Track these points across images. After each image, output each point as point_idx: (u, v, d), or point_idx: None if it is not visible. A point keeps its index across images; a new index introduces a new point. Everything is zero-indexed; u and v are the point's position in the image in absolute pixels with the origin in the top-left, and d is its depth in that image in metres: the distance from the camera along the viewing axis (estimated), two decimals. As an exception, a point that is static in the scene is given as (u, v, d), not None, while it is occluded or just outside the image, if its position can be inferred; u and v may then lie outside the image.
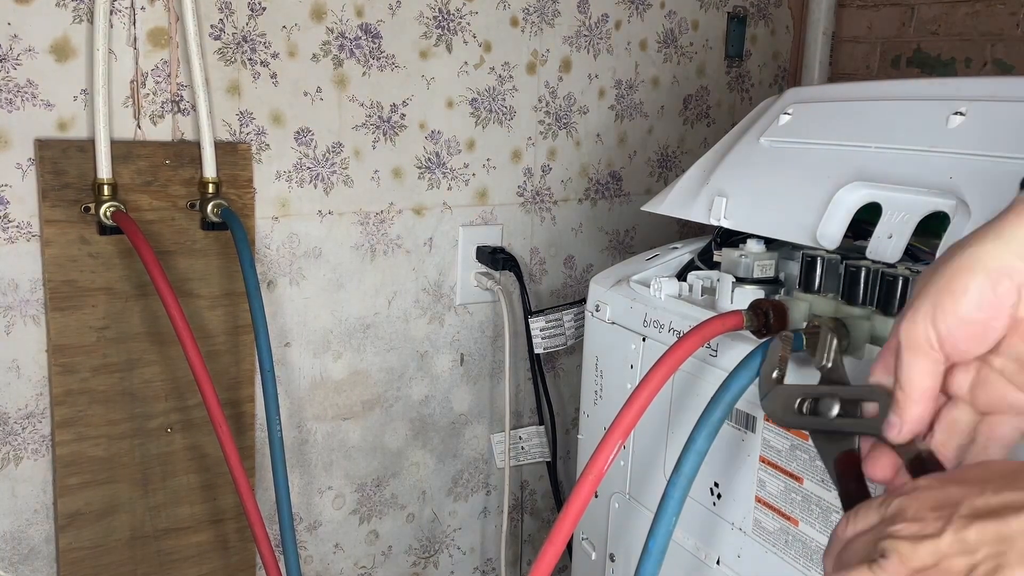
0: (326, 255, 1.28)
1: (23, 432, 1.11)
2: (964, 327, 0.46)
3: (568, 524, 0.68)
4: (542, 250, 1.48)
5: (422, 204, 1.34)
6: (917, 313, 0.47)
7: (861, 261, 0.78)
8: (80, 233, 1.07)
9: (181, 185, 1.13)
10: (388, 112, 1.28)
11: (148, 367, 1.15)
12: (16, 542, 1.13)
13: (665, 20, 1.52)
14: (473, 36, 1.33)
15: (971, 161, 0.73)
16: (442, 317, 1.40)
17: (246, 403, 1.23)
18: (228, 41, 1.15)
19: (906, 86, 0.88)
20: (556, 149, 1.45)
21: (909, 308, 0.48)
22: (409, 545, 1.47)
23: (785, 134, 0.94)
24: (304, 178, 1.24)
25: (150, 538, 1.20)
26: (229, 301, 1.19)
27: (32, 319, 1.08)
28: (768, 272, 0.90)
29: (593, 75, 1.46)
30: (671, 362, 0.71)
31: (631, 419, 0.69)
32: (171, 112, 1.13)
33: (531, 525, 1.59)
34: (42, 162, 1.04)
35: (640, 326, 0.97)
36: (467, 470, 1.50)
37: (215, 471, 1.22)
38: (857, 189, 0.82)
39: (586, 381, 1.08)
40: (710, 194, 0.97)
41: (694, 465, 0.68)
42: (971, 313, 0.45)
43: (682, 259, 1.07)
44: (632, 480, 1.00)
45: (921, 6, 1.52)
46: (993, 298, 0.45)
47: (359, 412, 1.36)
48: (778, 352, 0.65)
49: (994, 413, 0.48)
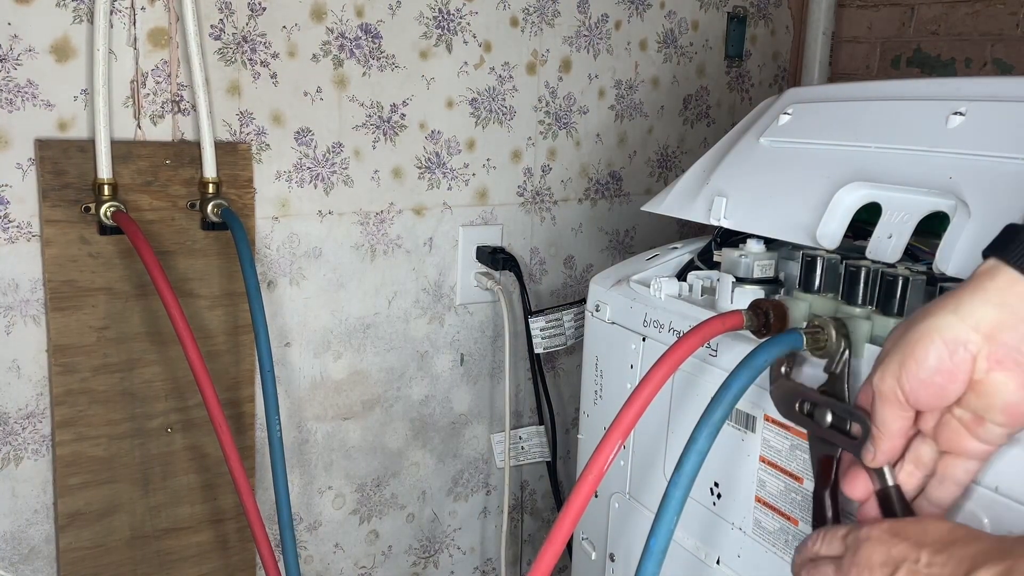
0: (326, 255, 1.28)
1: (23, 432, 1.11)
2: (925, 387, 0.53)
3: (568, 524, 0.68)
4: (542, 250, 1.48)
5: (422, 204, 1.34)
6: (886, 370, 0.55)
7: (861, 261, 0.78)
8: (80, 233, 1.07)
9: (181, 185, 1.13)
10: (388, 112, 1.28)
11: (148, 367, 1.15)
12: (16, 542, 1.13)
13: (665, 20, 1.52)
14: (473, 36, 1.33)
15: (971, 161, 0.73)
16: (442, 317, 1.40)
17: (246, 403, 1.23)
18: (228, 41, 1.15)
19: (906, 86, 0.88)
20: (556, 149, 1.45)
21: (880, 362, 0.56)
22: (409, 545, 1.47)
23: (785, 134, 0.94)
24: (304, 178, 1.24)
25: (150, 538, 1.20)
26: (229, 301, 1.19)
27: (32, 319, 1.08)
28: (768, 272, 0.90)
29: (593, 75, 1.46)
30: (671, 362, 0.71)
31: (631, 419, 0.69)
32: (171, 112, 1.13)
33: (531, 525, 1.59)
34: (42, 162, 1.04)
35: (640, 326, 0.97)
36: (467, 470, 1.50)
37: (215, 471, 1.22)
38: (857, 189, 0.82)
39: (586, 381, 1.08)
40: (710, 194, 0.97)
41: (695, 465, 0.68)
42: (931, 377, 0.53)
43: (682, 259, 1.07)
44: (632, 480, 1.00)
45: (921, 6, 1.52)
46: (950, 365, 0.52)
47: (359, 412, 1.36)
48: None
49: (952, 453, 0.57)
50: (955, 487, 0.58)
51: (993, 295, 0.52)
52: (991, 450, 0.56)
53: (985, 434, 0.55)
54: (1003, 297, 0.52)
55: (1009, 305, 0.52)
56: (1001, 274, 0.52)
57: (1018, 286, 0.52)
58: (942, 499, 0.59)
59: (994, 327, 0.52)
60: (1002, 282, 0.52)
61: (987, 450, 0.56)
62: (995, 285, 0.52)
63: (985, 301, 0.52)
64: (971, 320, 0.52)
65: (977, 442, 0.55)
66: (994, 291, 0.52)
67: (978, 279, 0.53)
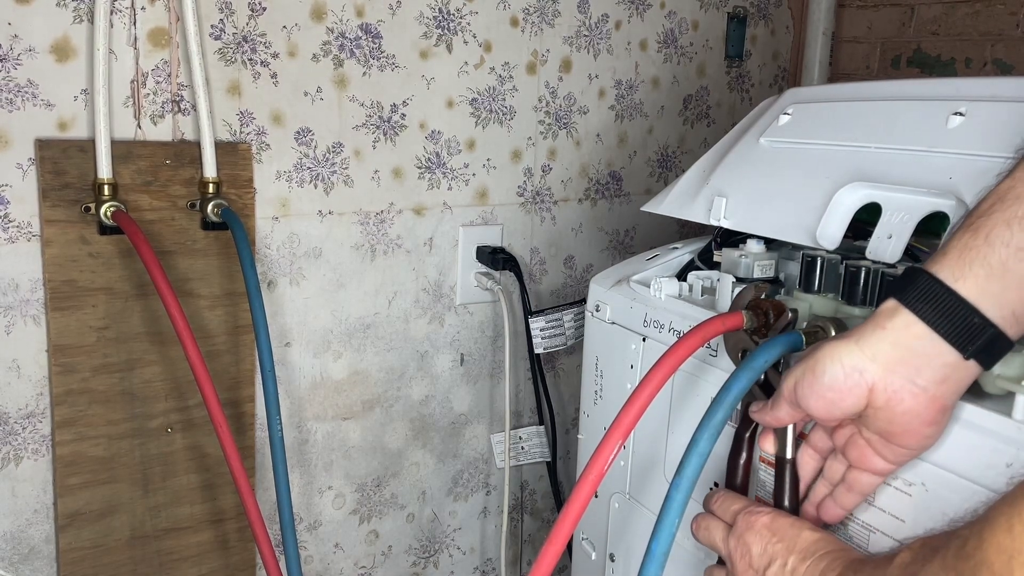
0: (326, 255, 1.28)
1: (23, 432, 1.11)
2: (817, 398, 0.61)
3: (568, 524, 0.68)
4: (542, 250, 1.48)
5: (422, 204, 1.34)
6: (791, 373, 0.63)
7: (861, 261, 0.78)
8: (80, 233, 1.07)
9: (181, 185, 1.13)
10: (388, 112, 1.28)
11: (148, 367, 1.15)
12: (16, 542, 1.13)
13: (665, 20, 1.52)
14: (473, 36, 1.33)
15: (971, 161, 0.73)
16: (442, 317, 1.40)
17: (246, 403, 1.23)
18: (228, 41, 1.15)
19: (906, 86, 0.88)
20: (556, 149, 1.45)
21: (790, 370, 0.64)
22: (409, 545, 1.47)
23: (785, 134, 0.94)
24: (304, 178, 1.24)
25: (150, 538, 1.20)
26: (229, 301, 1.19)
27: (32, 319, 1.08)
28: (768, 272, 0.90)
29: (593, 75, 1.46)
30: (672, 361, 0.71)
31: (632, 419, 0.69)
32: (171, 112, 1.13)
33: (531, 525, 1.59)
34: (42, 162, 1.04)
35: (640, 326, 0.97)
36: (467, 470, 1.50)
37: (215, 471, 1.22)
38: (857, 189, 0.82)
39: (586, 381, 1.08)
40: (710, 194, 0.97)
41: (696, 467, 0.68)
42: (823, 392, 0.60)
43: (682, 259, 1.07)
44: (632, 480, 1.00)
45: (921, 6, 1.52)
46: (843, 385, 0.59)
47: (359, 412, 1.36)
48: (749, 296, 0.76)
49: (859, 468, 0.64)
50: (858, 496, 0.66)
51: (890, 334, 0.57)
52: (894, 468, 0.63)
53: (891, 455, 0.61)
54: (899, 337, 0.57)
55: (905, 344, 0.57)
56: (899, 315, 0.57)
57: (914, 327, 0.56)
58: (846, 505, 0.67)
59: (889, 361, 0.57)
60: (899, 323, 0.57)
61: (890, 468, 0.63)
62: (893, 325, 0.57)
63: (883, 339, 0.57)
64: (869, 352, 0.58)
65: (883, 461, 0.62)
66: (891, 330, 0.57)
67: (878, 318, 0.58)
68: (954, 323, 0.55)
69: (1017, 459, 0.58)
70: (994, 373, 0.60)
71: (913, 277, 0.57)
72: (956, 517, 0.54)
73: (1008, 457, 0.58)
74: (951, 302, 0.55)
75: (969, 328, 0.55)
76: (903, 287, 0.57)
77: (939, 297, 0.55)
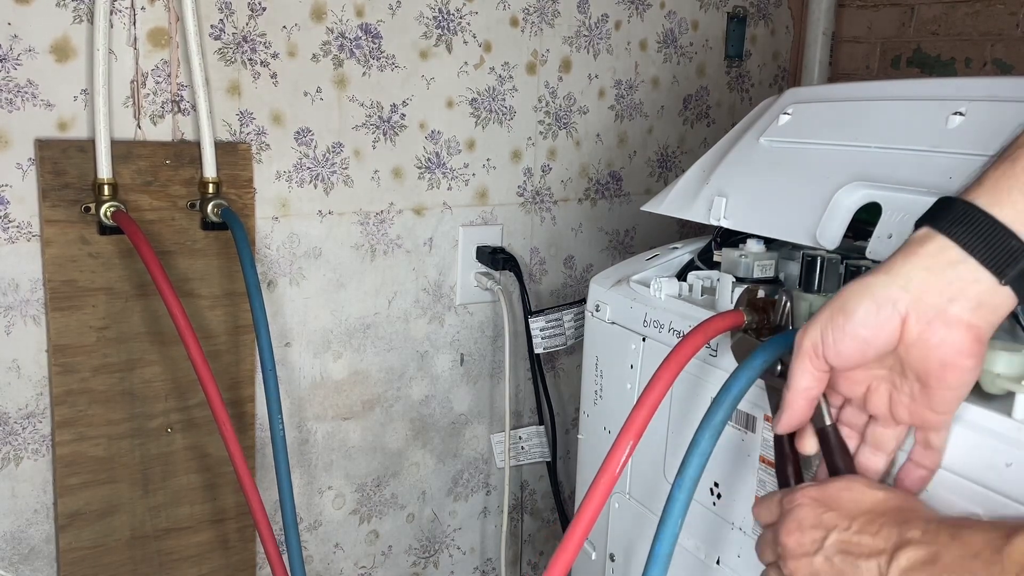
0: (326, 255, 1.28)
1: (23, 432, 1.11)
2: (849, 340, 0.57)
3: (581, 530, 0.67)
4: (542, 250, 1.48)
5: (422, 204, 1.34)
6: (813, 323, 0.59)
7: (861, 261, 0.78)
8: (80, 233, 1.07)
9: (181, 185, 1.13)
10: (388, 112, 1.28)
11: (148, 367, 1.15)
12: (16, 542, 1.13)
13: (665, 20, 1.52)
14: (473, 36, 1.33)
15: (971, 161, 0.73)
16: (442, 317, 1.40)
17: (247, 403, 1.23)
18: (228, 41, 1.15)
19: (906, 86, 0.88)
20: (556, 149, 1.45)
21: (808, 324, 0.60)
22: (409, 545, 1.47)
23: (785, 134, 0.94)
24: (304, 178, 1.24)
25: (150, 538, 1.20)
26: (229, 301, 1.19)
27: (32, 319, 1.08)
28: (768, 272, 0.90)
29: (593, 75, 1.46)
30: (677, 361, 0.71)
31: (643, 420, 0.69)
32: (171, 112, 1.13)
33: (531, 525, 1.59)
34: (42, 162, 1.04)
35: (640, 326, 0.97)
36: (467, 470, 1.50)
37: (215, 471, 1.22)
38: (857, 189, 0.82)
39: (586, 381, 1.08)
40: (710, 194, 0.97)
41: (698, 467, 0.68)
42: (855, 329, 0.56)
43: (682, 259, 1.07)
44: (632, 480, 1.00)
45: (921, 6, 1.52)
46: (876, 319, 0.56)
47: (359, 412, 1.36)
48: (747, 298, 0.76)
49: (900, 424, 0.61)
50: (886, 457, 0.63)
51: (923, 259, 0.55)
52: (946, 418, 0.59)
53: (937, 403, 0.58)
54: (932, 262, 0.55)
55: (938, 270, 0.54)
56: (933, 241, 0.55)
57: (949, 251, 0.54)
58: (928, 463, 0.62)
59: (922, 289, 0.55)
60: (933, 248, 0.55)
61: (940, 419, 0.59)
62: (926, 250, 0.55)
63: (915, 265, 0.55)
64: (901, 280, 0.55)
65: (932, 413, 0.58)
66: (924, 256, 0.55)
67: (910, 245, 0.56)
68: (991, 247, 0.53)
69: (1017, 459, 0.58)
70: (994, 373, 0.60)
71: (947, 204, 0.55)
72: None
73: (1008, 457, 0.59)
74: (988, 226, 0.53)
75: (1008, 251, 0.53)
76: (936, 214, 0.55)
77: (976, 221, 0.53)
